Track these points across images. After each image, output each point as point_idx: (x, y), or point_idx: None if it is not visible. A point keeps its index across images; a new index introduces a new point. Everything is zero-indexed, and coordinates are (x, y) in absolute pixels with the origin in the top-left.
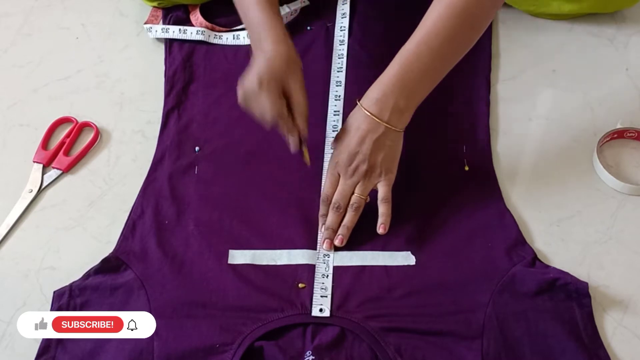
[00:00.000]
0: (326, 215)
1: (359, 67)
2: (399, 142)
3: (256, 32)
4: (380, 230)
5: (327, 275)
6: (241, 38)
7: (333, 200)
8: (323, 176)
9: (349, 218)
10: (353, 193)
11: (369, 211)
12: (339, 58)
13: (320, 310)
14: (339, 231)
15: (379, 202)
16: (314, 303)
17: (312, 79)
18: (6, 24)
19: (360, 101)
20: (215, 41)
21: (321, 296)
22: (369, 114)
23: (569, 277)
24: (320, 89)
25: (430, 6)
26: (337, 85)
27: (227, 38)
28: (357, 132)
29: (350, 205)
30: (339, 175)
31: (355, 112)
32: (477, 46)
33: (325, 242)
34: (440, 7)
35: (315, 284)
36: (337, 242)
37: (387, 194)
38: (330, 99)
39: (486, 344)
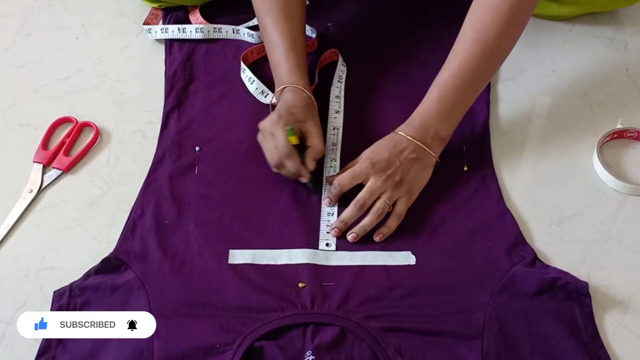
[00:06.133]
0: (333, 198)
1: (360, 66)
2: (429, 173)
3: (275, 60)
4: (377, 237)
5: (333, 214)
6: (241, 33)
7: (359, 197)
8: (323, 176)
9: (369, 221)
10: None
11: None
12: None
13: (327, 244)
14: (356, 230)
15: (393, 215)
16: (320, 238)
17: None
18: (6, 24)
19: (401, 130)
20: (215, 35)
21: (327, 232)
22: (411, 139)
23: (569, 277)
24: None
25: (460, 37)
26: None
27: (227, 32)
28: (399, 145)
29: (375, 209)
30: (365, 175)
31: (395, 136)
32: None
33: (334, 230)
34: (471, 43)
35: (321, 221)
36: (349, 238)
37: (403, 211)
38: (331, 102)
39: (486, 344)
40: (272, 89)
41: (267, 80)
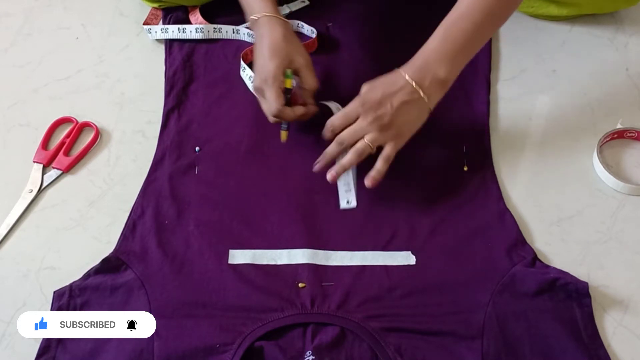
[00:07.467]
0: (328, 137)
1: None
2: (423, 119)
3: (250, 6)
4: (368, 182)
5: (349, 174)
6: (241, 33)
7: (340, 136)
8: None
9: (349, 160)
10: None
11: (368, 209)
12: None
13: (347, 202)
14: (334, 168)
15: (380, 157)
16: (340, 198)
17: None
18: (6, 24)
19: (402, 69)
20: (215, 35)
21: (345, 191)
22: (409, 80)
23: (569, 277)
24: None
25: None
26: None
27: (227, 32)
28: (394, 84)
29: (355, 148)
30: (355, 115)
31: (395, 74)
32: None
33: (317, 165)
34: None
35: (338, 181)
36: (328, 177)
37: (391, 154)
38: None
39: (486, 344)
40: None
41: None
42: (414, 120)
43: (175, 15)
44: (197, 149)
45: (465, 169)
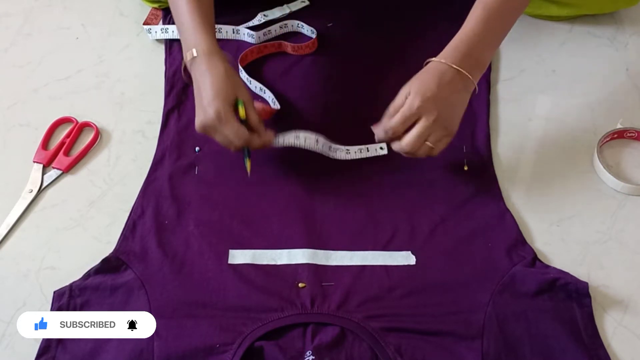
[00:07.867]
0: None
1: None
2: (467, 102)
3: (187, 41)
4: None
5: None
6: (241, 33)
7: (405, 146)
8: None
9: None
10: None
11: (368, 209)
12: None
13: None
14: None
15: (430, 154)
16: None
17: (307, 79)
18: (6, 24)
19: (444, 59)
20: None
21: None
22: (459, 69)
23: (569, 277)
24: (316, 90)
25: None
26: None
27: (227, 32)
28: (445, 76)
29: (419, 154)
30: (417, 116)
31: (440, 66)
32: None
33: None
34: None
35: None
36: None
37: (439, 151)
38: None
39: (486, 344)
40: (270, 88)
41: (265, 78)
42: (463, 110)
43: None
44: (197, 149)
45: (466, 168)
